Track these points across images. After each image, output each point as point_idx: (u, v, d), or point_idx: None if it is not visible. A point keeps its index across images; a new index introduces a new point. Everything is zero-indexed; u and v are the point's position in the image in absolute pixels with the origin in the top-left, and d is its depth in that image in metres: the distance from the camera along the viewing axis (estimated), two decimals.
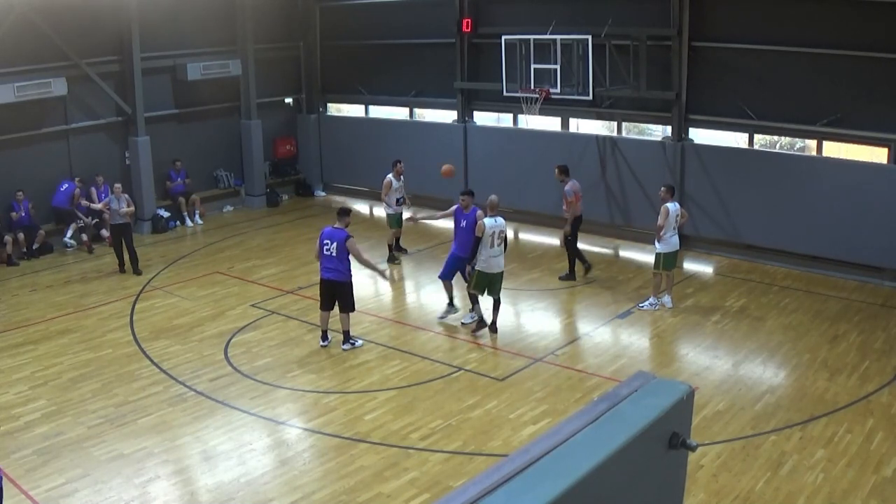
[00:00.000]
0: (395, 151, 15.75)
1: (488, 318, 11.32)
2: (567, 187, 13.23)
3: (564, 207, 13.36)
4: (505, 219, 13.33)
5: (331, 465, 8.01)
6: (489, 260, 10.88)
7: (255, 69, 18.78)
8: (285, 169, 20.31)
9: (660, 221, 11.81)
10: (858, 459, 7.85)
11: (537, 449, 2.67)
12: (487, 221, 10.83)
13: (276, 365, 10.42)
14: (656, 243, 11.94)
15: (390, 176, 14.59)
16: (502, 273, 11.15)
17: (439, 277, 11.95)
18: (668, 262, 11.93)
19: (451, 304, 11.94)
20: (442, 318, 11.86)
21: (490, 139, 17.47)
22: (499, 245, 10.91)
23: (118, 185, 14.55)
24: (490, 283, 11.04)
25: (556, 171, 13.51)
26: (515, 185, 16.22)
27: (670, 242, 11.87)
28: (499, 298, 11.23)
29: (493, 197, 11.12)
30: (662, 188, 12.18)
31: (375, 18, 18.97)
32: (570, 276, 13.38)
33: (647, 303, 12.09)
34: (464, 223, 11.55)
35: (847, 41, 12.72)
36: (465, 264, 11.33)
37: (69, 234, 15.90)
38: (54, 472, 7.86)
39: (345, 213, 10.80)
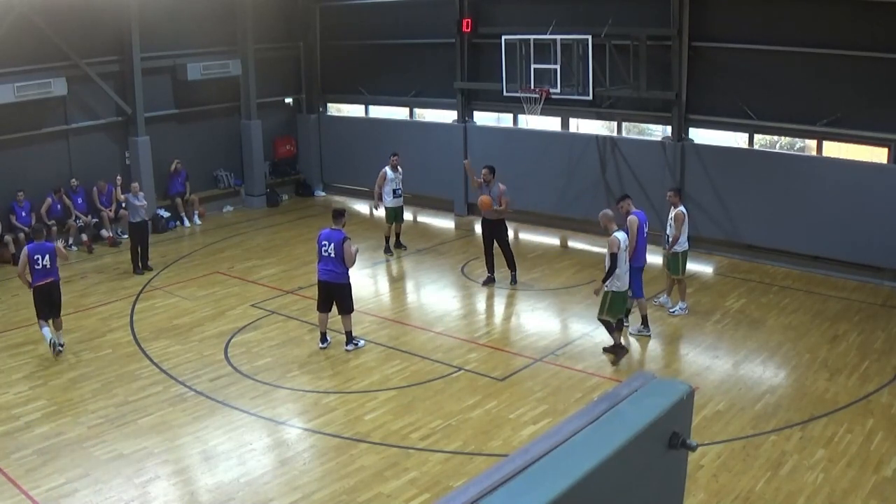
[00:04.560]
0: (395, 152, 15.75)
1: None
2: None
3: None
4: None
5: (331, 465, 8.01)
6: (623, 277, 10.16)
7: (255, 69, 18.78)
8: (285, 169, 20.31)
9: (675, 232, 11.42)
10: (858, 459, 7.84)
11: (537, 449, 2.68)
12: (620, 235, 10.06)
13: (276, 365, 10.41)
14: (676, 247, 11.50)
15: (386, 168, 14.80)
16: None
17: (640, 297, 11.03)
18: (684, 263, 11.72)
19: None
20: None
21: (490, 139, 17.46)
22: (627, 261, 10.21)
23: (136, 184, 14.58)
24: (625, 301, 10.34)
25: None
26: (515, 185, 16.15)
27: (686, 244, 11.71)
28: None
29: (609, 211, 10.38)
30: (670, 192, 11.78)
31: (375, 18, 18.98)
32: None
33: (676, 308, 11.89)
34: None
35: (847, 41, 12.72)
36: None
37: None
38: (54, 472, 7.87)
39: (339, 214, 10.76)
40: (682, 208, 11.63)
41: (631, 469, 2.81)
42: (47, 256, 10.69)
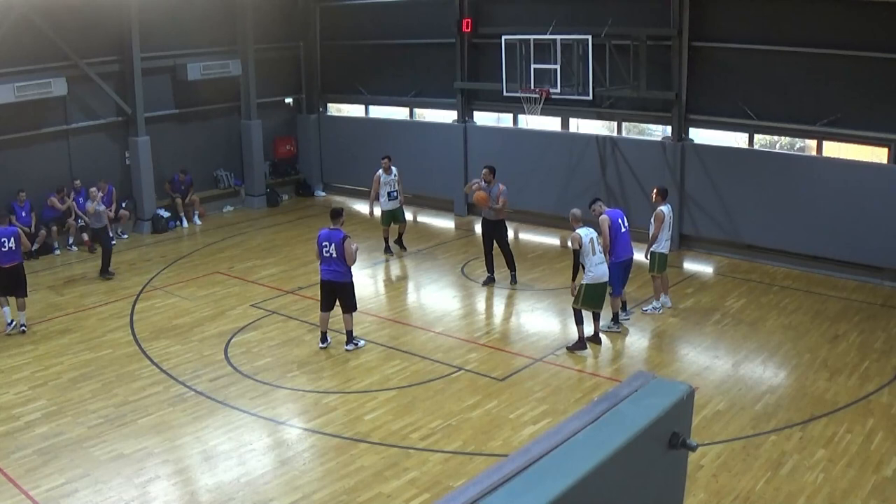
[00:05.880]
0: (395, 151, 15.76)
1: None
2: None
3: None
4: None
5: (331, 465, 8.01)
6: (594, 269, 10.41)
7: (255, 69, 18.78)
8: (285, 169, 20.32)
9: (654, 230, 11.58)
10: (858, 459, 7.85)
11: (537, 449, 2.68)
12: (582, 232, 10.41)
13: (276, 365, 10.42)
14: (654, 246, 11.62)
15: (379, 171, 14.80)
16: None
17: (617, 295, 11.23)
18: (662, 263, 11.83)
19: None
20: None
21: (490, 139, 17.46)
22: (600, 252, 10.49)
23: (94, 189, 14.29)
24: (602, 294, 10.58)
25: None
26: (515, 185, 16.16)
27: (667, 245, 11.75)
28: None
29: (577, 211, 10.76)
30: (654, 190, 11.87)
31: (375, 18, 18.98)
32: None
33: (650, 307, 11.96)
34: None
35: (847, 41, 12.72)
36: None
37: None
38: (54, 472, 7.86)
39: (337, 213, 10.77)
40: (662, 208, 11.64)
41: (631, 469, 2.81)
42: (12, 239, 11.43)
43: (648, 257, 11.75)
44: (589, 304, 10.59)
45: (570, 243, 10.55)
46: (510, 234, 14.25)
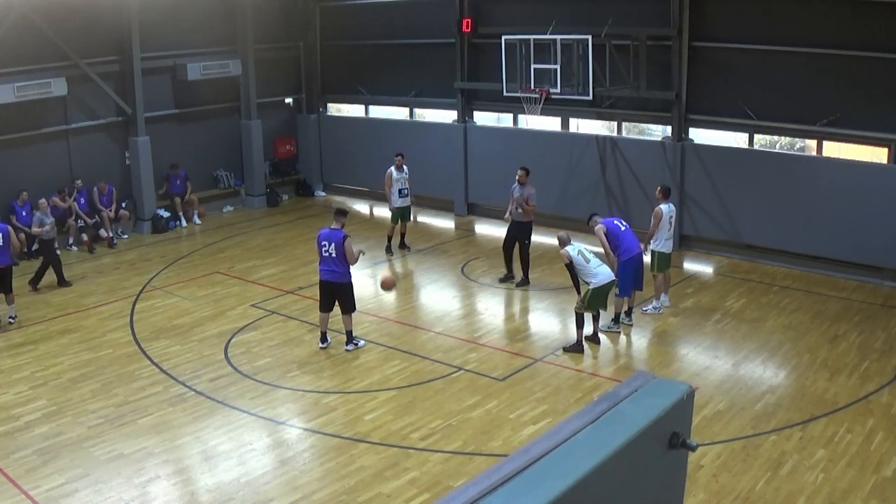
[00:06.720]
0: (395, 151, 15.76)
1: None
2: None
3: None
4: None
5: (331, 465, 8.01)
6: (597, 274, 10.47)
7: (255, 69, 18.78)
8: (285, 169, 20.32)
9: (651, 228, 11.66)
10: (858, 459, 7.85)
11: (537, 449, 2.68)
12: (569, 248, 10.59)
13: (276, 365, 10.42)
14: (651, 243, 11.68)
15: (391, 168, 14.85)
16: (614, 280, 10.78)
17: (627, 295, 11.25)
18: (662, 262, 11.84)
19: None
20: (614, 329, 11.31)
21: (490, 139, 17.47)
22: (594, 258, 10.60)
23: (43, 200, 13.98)
24: (606, 295, 10.69)
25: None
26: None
27: (667, 244, 11.78)
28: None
29: (562, 234, 10.94)
30: (658, 188, 11.98)
31: (375, 18, 18.98)
32: None
33: (650, 307, 11.95)
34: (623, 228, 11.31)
35: (847, 41, 12.72)
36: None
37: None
38: (54, 472, 7.86)
39: (341, 213, 10.78)
40: (661, 206, 11.66)
41: (631, 469, 2.81)
42: (0, 237, 11.67)
43: (648, 255, 11.77)
44: (593, 307, 10.67)
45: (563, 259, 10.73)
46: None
